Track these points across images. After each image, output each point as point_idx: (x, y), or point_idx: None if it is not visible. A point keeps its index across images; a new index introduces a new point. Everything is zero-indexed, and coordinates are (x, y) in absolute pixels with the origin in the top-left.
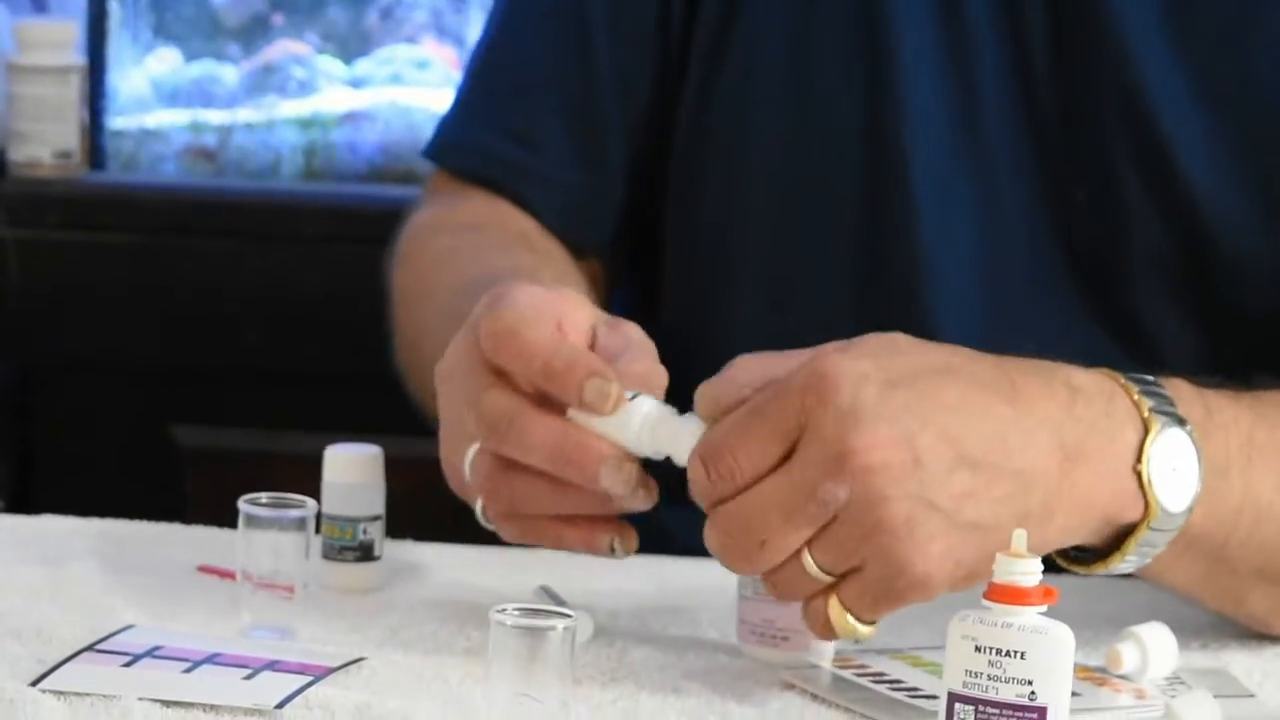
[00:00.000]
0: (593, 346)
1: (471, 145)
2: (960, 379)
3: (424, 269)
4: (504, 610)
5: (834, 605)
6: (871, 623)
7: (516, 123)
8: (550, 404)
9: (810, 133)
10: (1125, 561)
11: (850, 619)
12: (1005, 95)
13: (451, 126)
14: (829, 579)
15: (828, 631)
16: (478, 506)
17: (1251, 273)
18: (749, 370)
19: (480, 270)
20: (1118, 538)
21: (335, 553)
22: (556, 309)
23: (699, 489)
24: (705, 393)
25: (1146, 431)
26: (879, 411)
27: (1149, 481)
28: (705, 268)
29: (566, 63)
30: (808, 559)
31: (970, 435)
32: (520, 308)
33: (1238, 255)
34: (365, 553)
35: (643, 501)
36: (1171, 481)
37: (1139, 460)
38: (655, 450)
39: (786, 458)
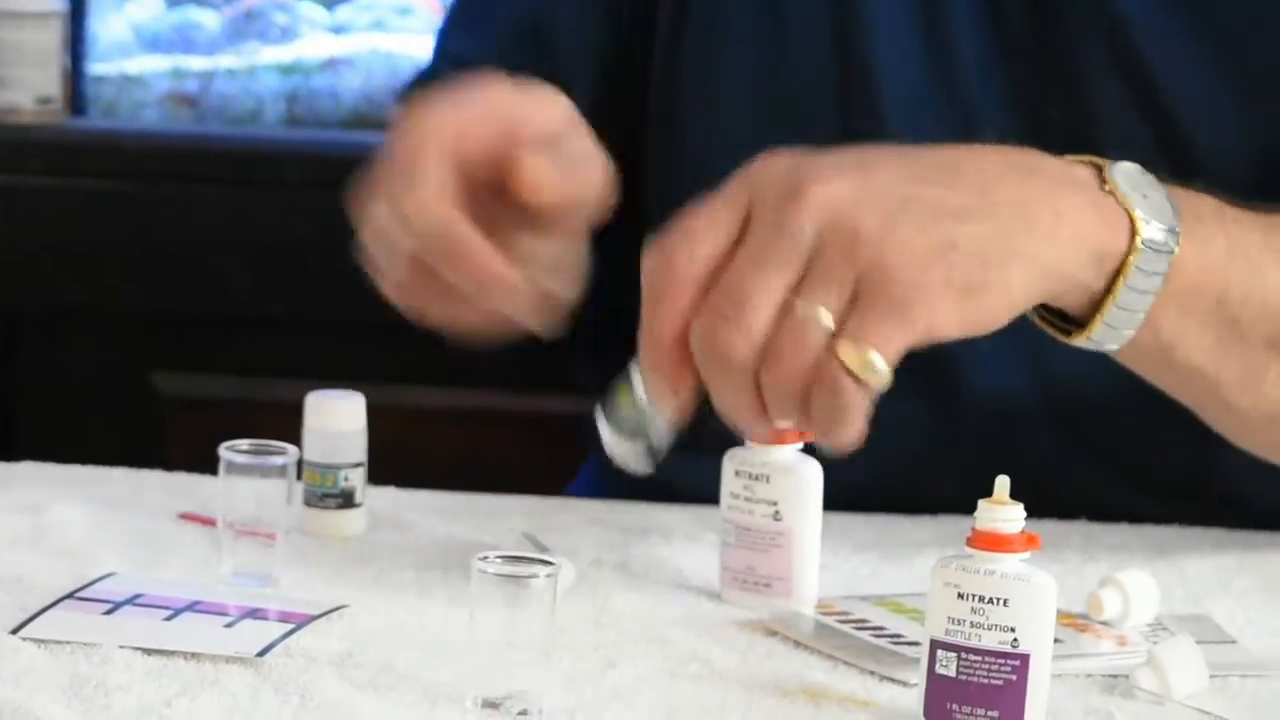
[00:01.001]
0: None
1: (427, 72)
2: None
3: None
4: (486, 558)
5: (845, 349)
6: (885, 359)
7: (470, 49)
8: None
9: (782, 63)
10: (1125, 304)
11: (867, 353)
12: (975, 10)
13: (419, 71)
14: (830, 319)
15: (852, 378)
16: (377, 262)
17: (1231, 187)
18: None
19: None
20: (1110, 282)
21: (317, 500)
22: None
23: (655, 278)
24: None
25: (1098, 167)
26: (821, 159)
27: (1123, 195)
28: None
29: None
30: (801, 305)
31: (917, 160)
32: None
33: (1218, 170)
34: (347, 500)
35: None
36: (1146, 204)
37: (1104, 183)
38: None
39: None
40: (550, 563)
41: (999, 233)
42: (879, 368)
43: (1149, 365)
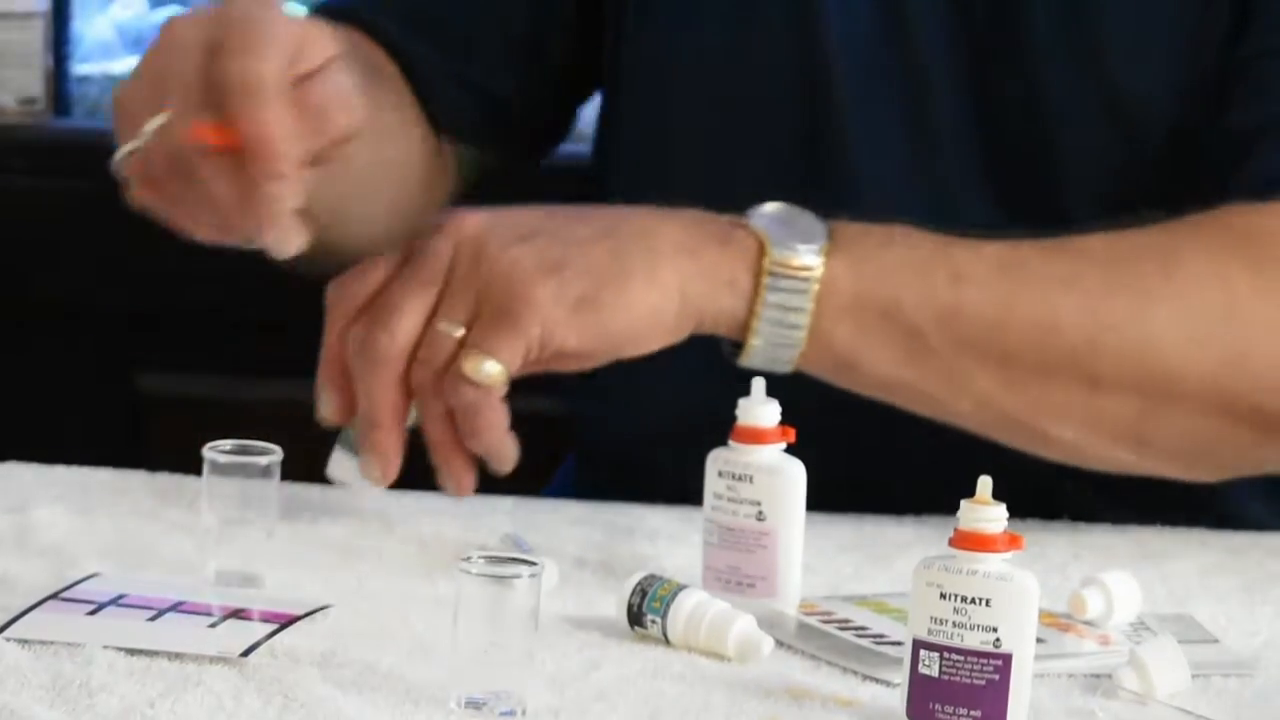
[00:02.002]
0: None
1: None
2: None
3: None
4: (470, 559)
5: (463, 356)
6: (497, 363)
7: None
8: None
9: (743, 47)
10: (775, 321)
11: (480, 360)
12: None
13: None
14: (459, 331)
15: (466, 379)
16: (121, 150)
17: (1183, 173)
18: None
19: None
20: (750, 305)
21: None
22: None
23: (333, 303)
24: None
25: (743, 214)
26: (468, 210)
27: (755, 226)
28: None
29: None
30: (440, 322)
31: (565, 210)
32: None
33: (1170, 152)
34: None
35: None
36: (785, 230)
37: (738, 224)
38: None
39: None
40: (533, 563)
41: (616, 257)
42: (489, 371)
43: (845, 380)
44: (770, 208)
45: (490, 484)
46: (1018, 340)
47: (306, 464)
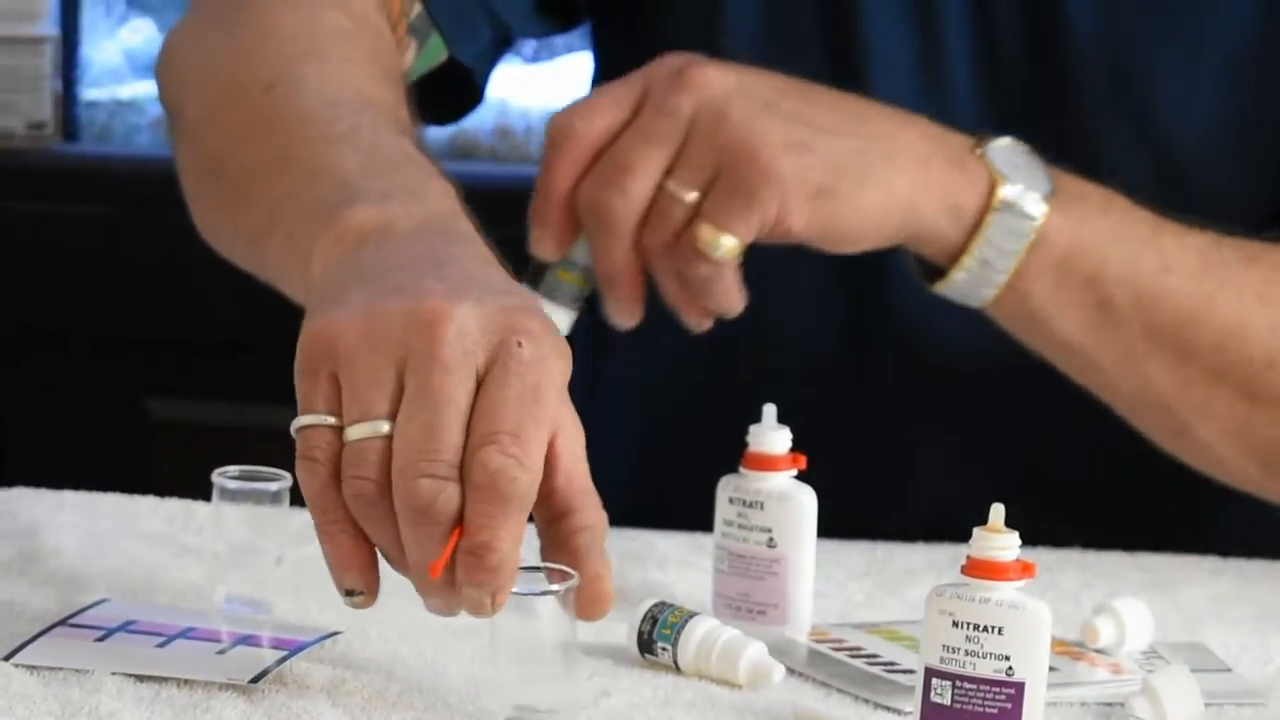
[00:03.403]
0: None
1: None
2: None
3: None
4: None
5: (696, 226)
6: (731, 235)
7: None
8: None
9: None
10: (984, 260)
11: (717, 234)
12: (967, 31)
13: None
14: (692, 198)
15: (699, 254)
16: (300, 420)
17: (1225, 216)
18: None
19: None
20: (967, 238)
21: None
22: None
23: (557, 137)
24: None
25: (980, 137)
26: (710, 63)
27: (989, 160)
28: None
29: None
30: (671, 184)
31: (802, 84)
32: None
33: (1212, 195)
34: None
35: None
36: (1016, 172)
37: (975, 148)
38: None
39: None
40: (569, 574)
41: (859, 155)
42: (723, 246)
43: (1024, 332)
44: (1004, 142)
45: None
46: (1204, 341)
47: None
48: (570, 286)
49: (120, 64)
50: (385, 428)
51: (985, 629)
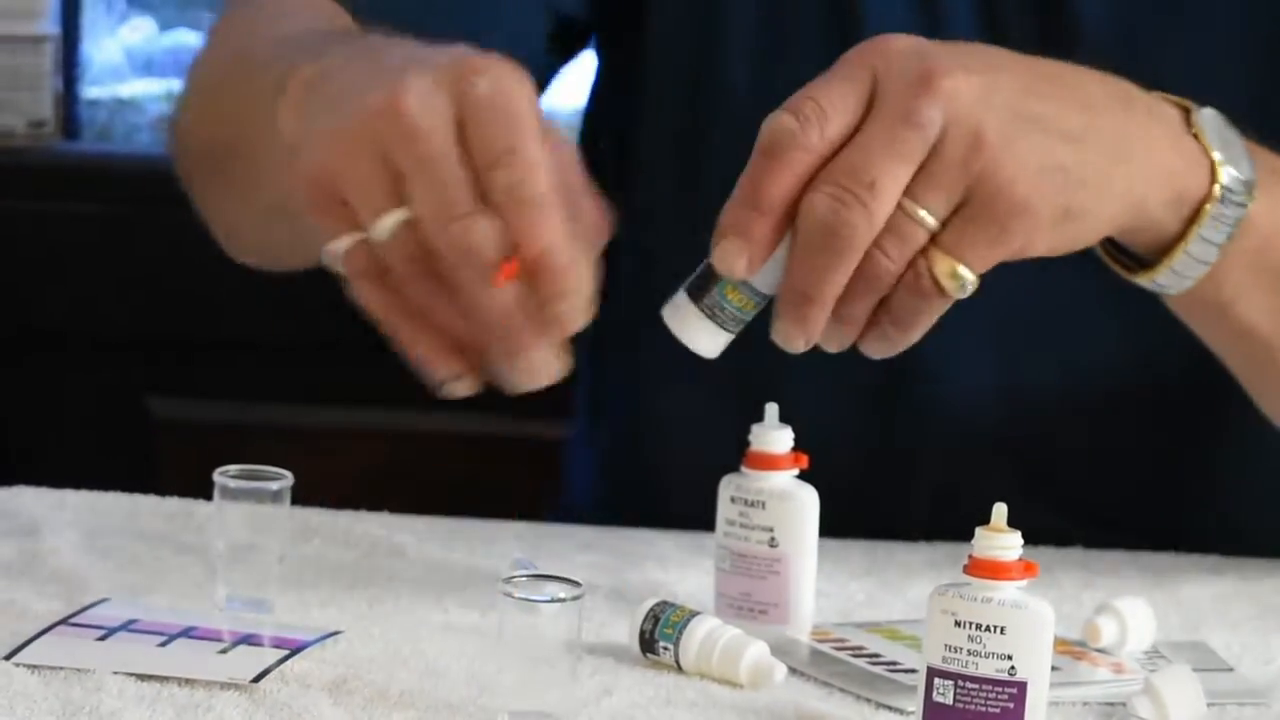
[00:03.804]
0: None
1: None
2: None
3: (221, 44)
4: (511, 579)
5: (938, 259)
6: (973, 274)
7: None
8: None
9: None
10: (1195, 250)
11: (957, 266)
12: (974, 30)
13: None
14: (935, 224)
15: (936, 288)
16: (340, 245)
17: None
18: None
19: (299, 27)
20: (1184, 226)
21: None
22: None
23: (784, 144)
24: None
25: (1185, 110)
26: (942, 48)
27: (1206, 140)
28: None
29: None
30: (913, 205)
31: (1033, 69)
32: (540, 163)
33: None
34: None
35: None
36: (1227, 150)
37: (1189, 125)
38: None
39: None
40: (575, 584)
41: (1102, 160)
42: (967, 284)
43: (1205, 319)
44: (1210, 114)
45: (500, 508)
46: None
47: (317, 489)
48: (735, 308)
49: (121, 62)
50: (401, 214)
51: (987, 628)
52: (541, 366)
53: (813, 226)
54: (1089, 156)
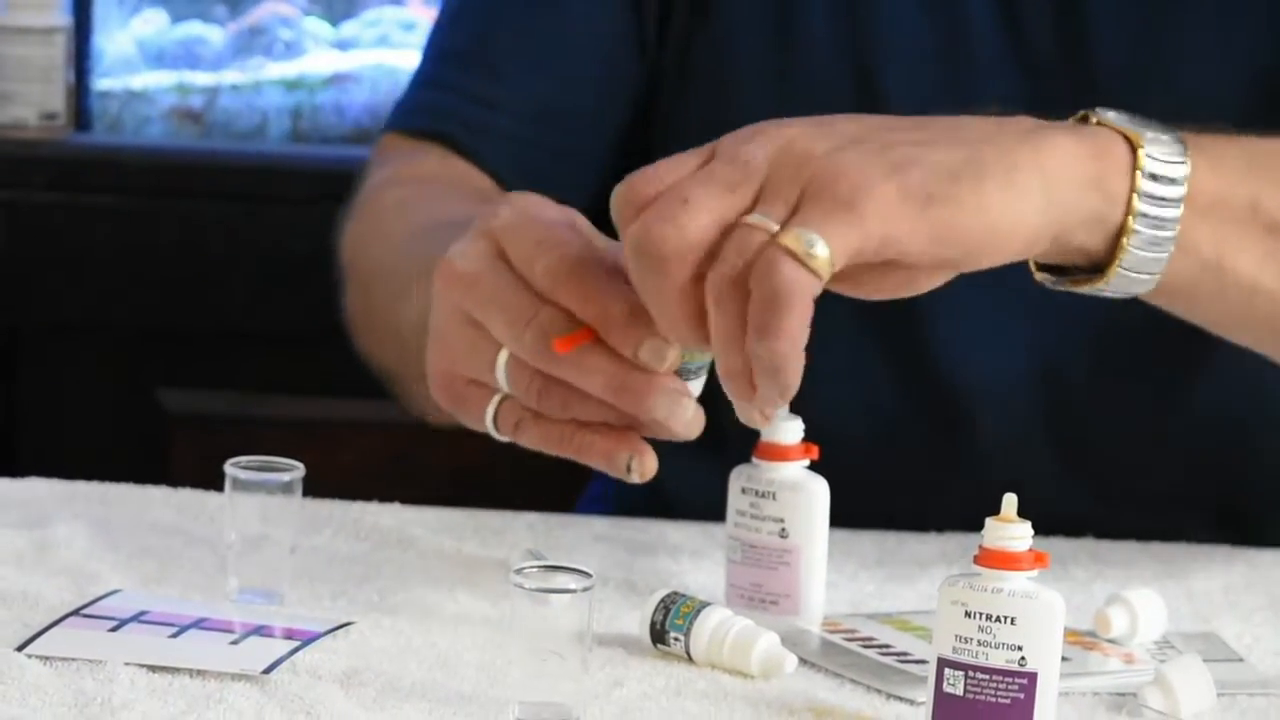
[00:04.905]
0: None
1: (425, 105)
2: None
3: (378, 216)
4: (522, 570)
5: (786, 234)
6: (829, 247)
7: (475, 85)
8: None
9: (793, 85)
10: (1151, 224)
11: (807, 236)
12: (993, 26)
13: (406, 95)
14: (774, 225)
15: (785, 258)
16: (488, 414)
17: None
18: None
19: (439, 216)
20: (1125, 207)
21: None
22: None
23: (617, 199)
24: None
25: (1088, 116)
26: (786, 123)
27: (1114, 123)
28: None
29: (537, 24)
30: (749, 217)
31: (877, 118)
32: (577, 246)
33: None
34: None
35: (694, 431)
36: (1144, 125)
37: (1089, 122)
38: None
39: None
40: (586, 574)
41: (970, 159)
42: (817, 249)
43: (1204, 292)
44: (1116, 113)
45: (512, 499)
46: None
47: (328, 481)
48: (696, 362)
49: (133, 54)
50: (504, 353)
51: (998, 619)
52: (671, 408)
53: (630, 250)
54: (947, 154)
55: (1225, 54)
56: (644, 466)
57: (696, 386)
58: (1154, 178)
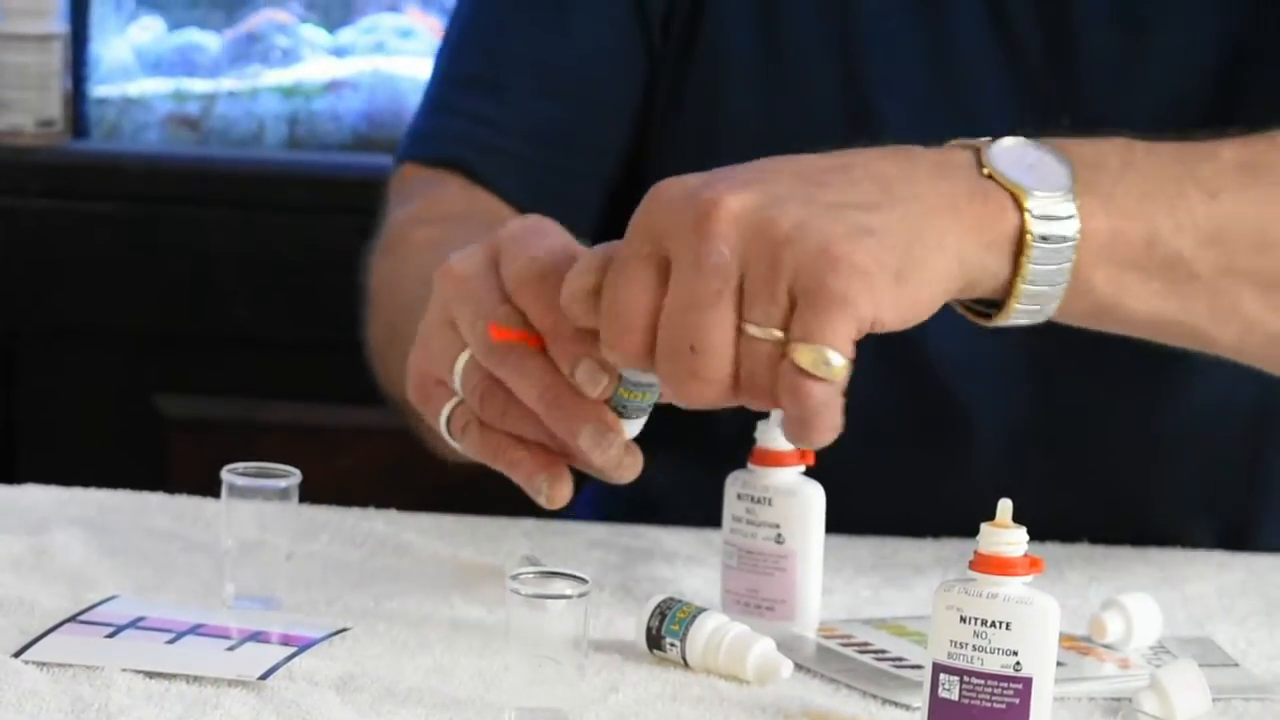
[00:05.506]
0: None
1: (437, 132)
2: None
3: (409, 255)
4: (518, 576)
5: (798, 352)
6: (838, 353)
7: (485, 108)
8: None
9: (784, 97)
10: (1039, 279)
11: (820, 351)
12: (981, 28)
13: (418, 122)
14: (778, 333)
15: (811, 381)
16: (443, 414)
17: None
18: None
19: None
20: (1014, 264)
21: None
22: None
23: (609, 331)
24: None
25: (977, 150)
26: (714, 176)
27: (1002, 176)
28: None
29: (544, 45)
30: (747, 328)
31: (813, 168)
32: (551, 256)
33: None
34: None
35: (622, 474)
36: (1033, 175)
37: (981, 167)
38: None
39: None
40: (582, 579)
41: (908, 224)
42: (834, 362)
43: (1105, 324)
44: (1008, 145)
45: (507, 506)
46: None
47: (324, 487)
48: (634, 402)
49: (130, 61)
50: (465, 354)
51: (993, 624)
52: (595, 439)
53: (676, 383)
54: (893, 219)
55: (1213, 40)
56: (554, 492)
57: (634, 428)
58: (1042, 239)
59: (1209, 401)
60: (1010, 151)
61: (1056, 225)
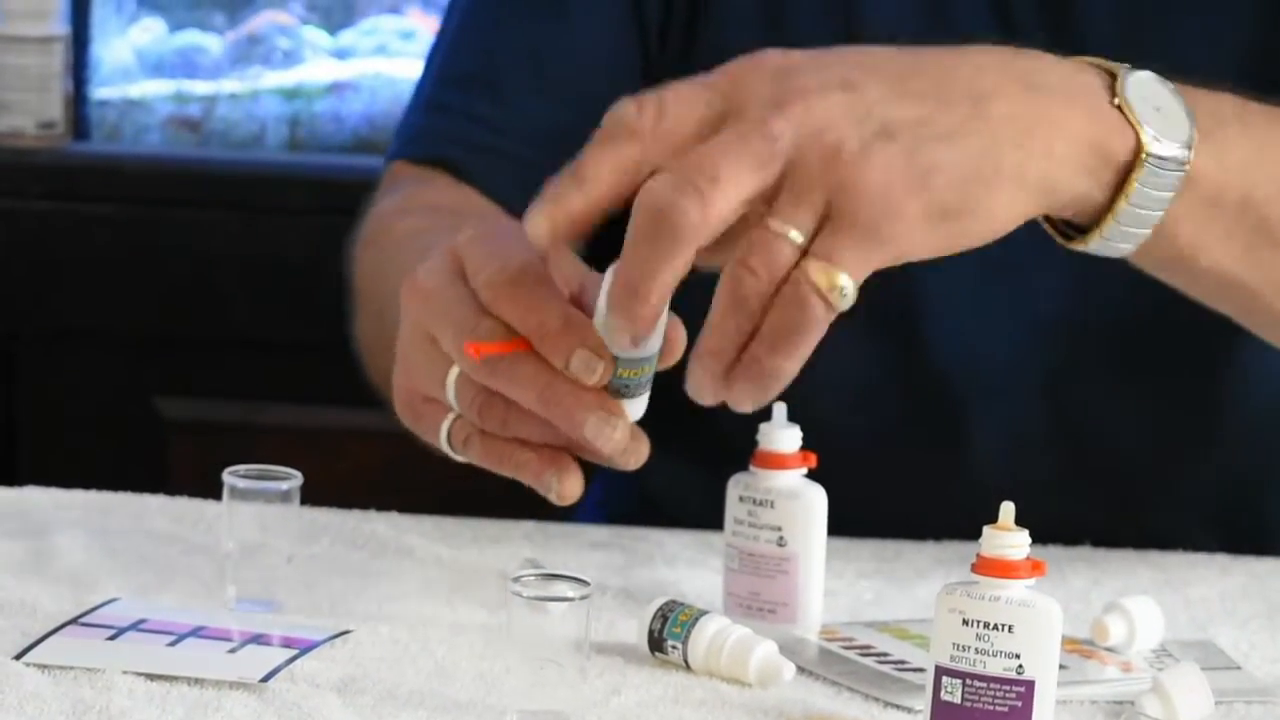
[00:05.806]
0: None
1: (430, 130)
2: (892, 49)
3: (392, 246)
4: (520, 578)
5: (815, 270)
6: (853, 280)
7: (480, 107)
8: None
9: None
10: (1129, 218)
11: (836, 275)
12: (985, 27)
13: (410, 120)
14: (800, 238)
15: (815, 298)
16: (442, 431)
17: None
18: None
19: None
20: (1113, 193)
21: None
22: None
23: (614, 127)
24: None
25: (1112, 76)
26: (808, 64)
27: (1130, 109)
28: None
29: (543, 44)
30: (773, 223)
31: (912, 71)
32: (520, 259)
33: None
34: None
35: (629, 460)
36: (1158, 119)
37: (1113, 95)
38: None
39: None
40: (584, 582)
41: (988, 153)
42: (847, 291)
43: (1172, 274)
44: (1142, 77)
45: (510, 508)
46: None
47: (326, 489)
48: (631, 380)
49: (131, 63)
50: (455, 369)
51: (995, 627)
52: (599, 428)
53: (645, 211)
54: (970, 151)
55: (1214, 44)
56: (563, 487)
57: (636, 408)
58: (1151, 175)
59: (1217, 406)
60: (1143, 86)
61: (1167, 173)
